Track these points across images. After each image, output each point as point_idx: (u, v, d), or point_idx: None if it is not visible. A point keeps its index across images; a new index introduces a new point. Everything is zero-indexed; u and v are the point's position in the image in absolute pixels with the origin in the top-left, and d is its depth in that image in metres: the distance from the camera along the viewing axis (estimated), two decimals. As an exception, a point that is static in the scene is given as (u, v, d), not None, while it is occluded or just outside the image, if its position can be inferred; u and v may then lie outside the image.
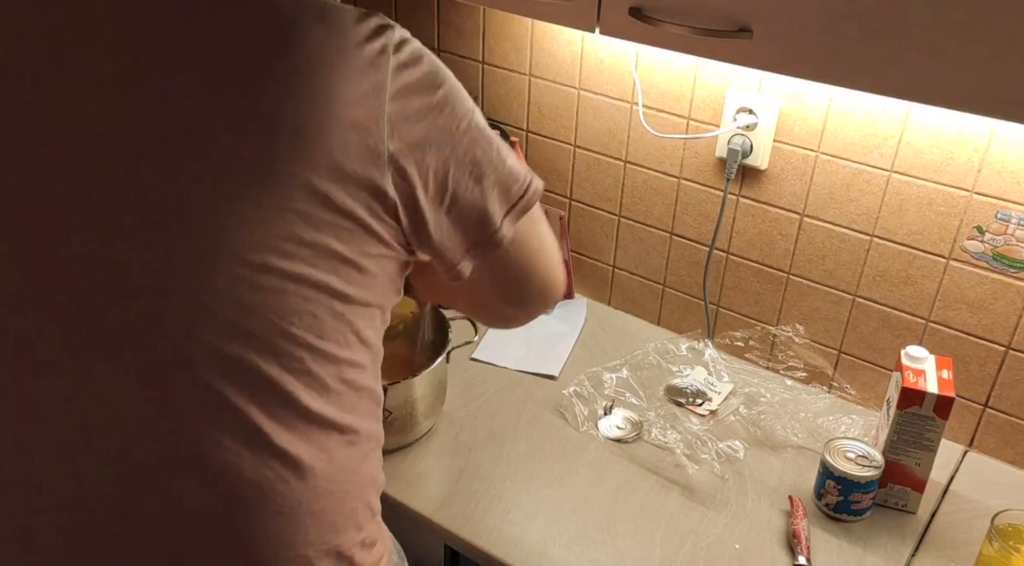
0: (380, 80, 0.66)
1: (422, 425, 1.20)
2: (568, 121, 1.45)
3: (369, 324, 0.73)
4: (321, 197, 0.64)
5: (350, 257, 0.67)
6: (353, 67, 0.65)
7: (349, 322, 0.70)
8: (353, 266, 0.68)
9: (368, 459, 0.77)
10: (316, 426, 0.70)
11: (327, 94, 0.64)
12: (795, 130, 1.23)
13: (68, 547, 0.67)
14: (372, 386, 0.76)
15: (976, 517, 1.12)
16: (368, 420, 0.76)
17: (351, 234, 0.67)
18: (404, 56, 0.68)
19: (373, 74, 0.65)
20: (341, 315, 0.69)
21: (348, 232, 0.66)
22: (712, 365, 1.37)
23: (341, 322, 0.69)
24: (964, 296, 1.18)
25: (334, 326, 0.69)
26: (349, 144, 0.64)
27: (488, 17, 1.45)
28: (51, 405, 0.65)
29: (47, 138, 0.63)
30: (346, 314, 0.69)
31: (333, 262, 0.66)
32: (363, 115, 0.65)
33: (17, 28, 0.64)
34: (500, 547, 1.04)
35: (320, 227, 0.65)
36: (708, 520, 1.10)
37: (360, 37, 0.66)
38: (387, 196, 0.68)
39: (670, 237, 1.42)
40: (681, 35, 0.92)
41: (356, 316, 0.70)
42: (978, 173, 1.11)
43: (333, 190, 0.65)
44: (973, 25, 0.76)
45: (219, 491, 0.66)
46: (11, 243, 0.64)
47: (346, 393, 0.72)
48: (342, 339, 0.70)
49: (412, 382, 1.13)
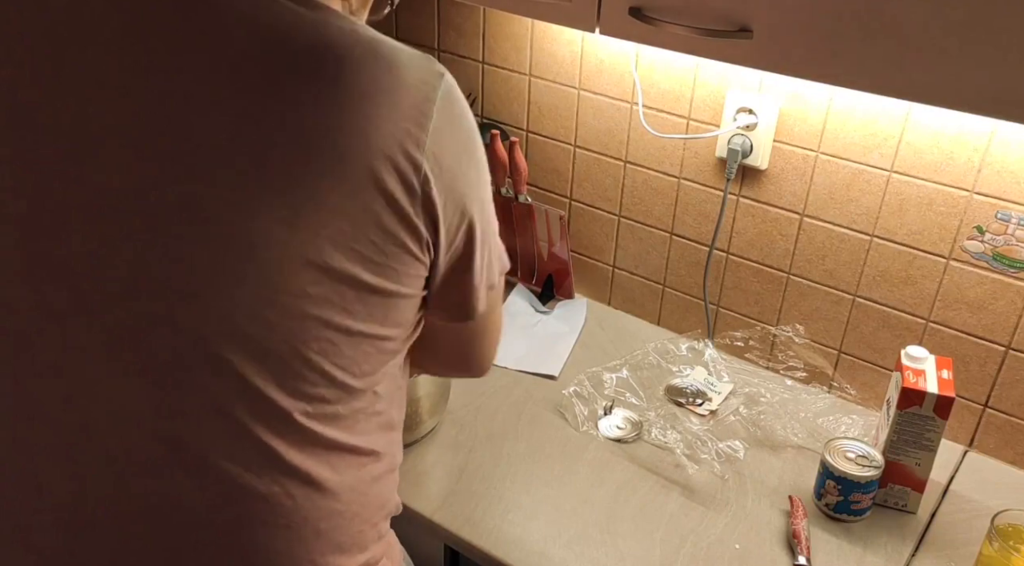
0: (423, 122, 0.65)
1: (426, 424, 1.20)
2: (568, 121, 1.45)
3: (389, 357, 0.73)
4: (355, 225, 0.64)
5: (377, 288, 0.67)
6: (398, 103, 0.64)
7: (366, 353, 0.69)
8: (378, 298, 0.68)
9: (380, 482, 0.77)
10: (324, 448, 0.69)
11: (372, 122, 0.63)
12: (795, 130, 1.23)
13: (68, 547, 0.67)
14: (388, 412, 0.76)
15: (976, 517, 1.12)
16: (383, 444, 0.76)
17: (380, 267, 0.66)
18: (447, 103, 0.67)
19: (417, 115, 0.65)
20: (358, 345, 0.68)
21: (377, 265, 0.66)
22: (712, 365, 1.37)
23: (358, 352, 0.69)
24: (964, 296, 1.18)
25: (351, 356, 0.68)
26: (390, 176, 0.64)
27: (488, 17, 1.45)
28: (51, 405, 0.65)
29: (47, 138, 0.63)
30: (363, 345, 0.69)
31: (360, 292, 0.66)
32: (402, 150, 0.64)
33: (17, 28, 0.64)
34: (500, 547, 1.04)
35: (351, 257, 0.64)
36: (708, 520, 1.10)
37: (410, 77, 0.65)
38: (420, 232, 0.68)
39: (670, 237, 1.42)
40: (681, 35, 0.92)
41: (375, 348, 0.70)
42: (978, 173, 1.11)
43: (370, 218, 0.64)
44: (973, 25, 0.76)
45: (219, 494, 0.66)
46: (11, 243, 0.64)
47: (359, 419, 0.72)
48: (358, 369, 0.69)
49: (416, 381, 1.13)
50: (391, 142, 0.64)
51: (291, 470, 0.67)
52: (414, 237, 0.67)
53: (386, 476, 0.78)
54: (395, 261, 0.67)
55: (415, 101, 0.65)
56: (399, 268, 0.68)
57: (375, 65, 0.64)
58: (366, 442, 0.73)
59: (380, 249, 0.66)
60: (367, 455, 0.74)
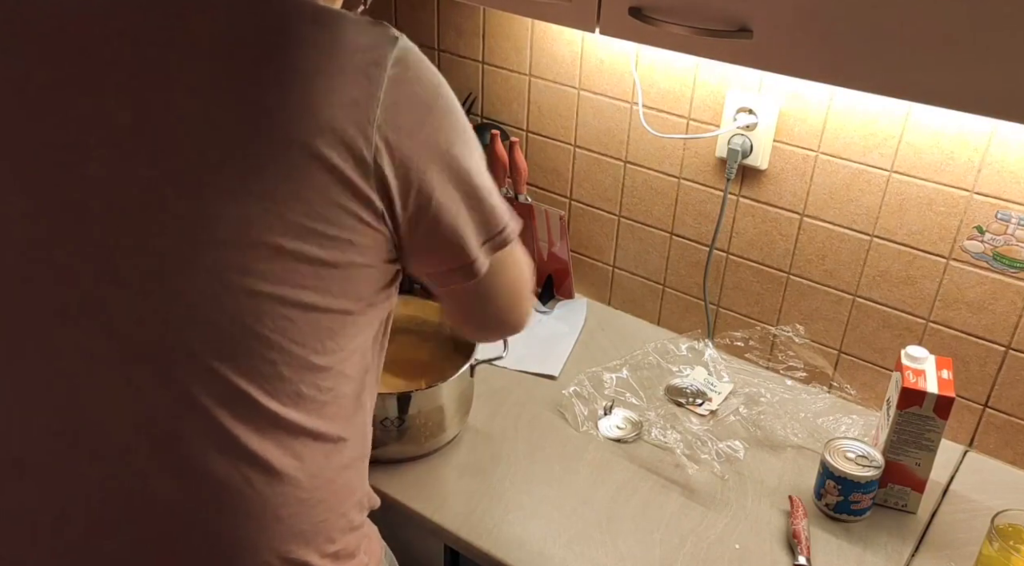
0: (372, 91, 0.65)
1: (448, 432, 1.19)
2: (568, 121, 1.45)
3: (352, 331, 0.72)
4: (304, 202, 0.64)
5: (330, 262, 0.67)
6: (344, 73, 0.64)
7: (327, 328, 0.69)
8: (334, 272, 0.67)
9: (349, 470, 0.76)
10: (285, 432, 0.69)
11: (315, 98, 0.63)
12: (795, 130, 1.23)
13: (60, 531, 0.68)
14: (358, 395, 0.75)
15: (976, 517, 1.12)
16: (350, 429, 0.75)
17: (333, 241, 0.66)
18: (401, 70, 0.66)
19: (365, 83, 0.64)
20: (317, 321, 0.68)
21: (330, 239, 0.66)
22: (712, 365, 1.37)
23: (318, 328, 0.68)
24: (964, 296, 1.18)
25: (310, 332, 0.68)
26: (335, 150, 0.64)
27: (488, 17, 1.45)
28: (33, 392, 0.67)
29: (46, 135, 0.64)
30: (323, 320, 0.68)
31: (314, 267, 0.66)
32: (350, 123, 0.64)
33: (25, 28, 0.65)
34: (500, 547, 1.04)
35: (301, 233, 0.64)
36: (708, 520, 1.10)
37: (356, 45, 0.65)
38: (374, 204, 0.67)
39: (670, 237, 1.42)
40: (681, 35, 0.92)
41: (335, 323, 0.70)
42: (978, 173, 1.11)
43: (318, 195, 0.64)
44: (973, 25, 0.76)
45: (186, 485, 0.67)
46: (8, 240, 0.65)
47: (325, 401, 0.71)
48: (319, 346, 0.69)
49: (439, 388, 1.11)
50: (338, 115, 0.63)
51: (250, 456, 0.67)
52: (369, 209, 0.67)
53: (354, 464, 0.77)
54: (349, 232, 0.67)
55: (362, 69, 0.64)
56: (353, 239, 0.67)
57: (318, 35, 0.64)
58: (332, 428, 0.72)
59: (332, 222, 0.65)
60: (332, 441, 0.73)
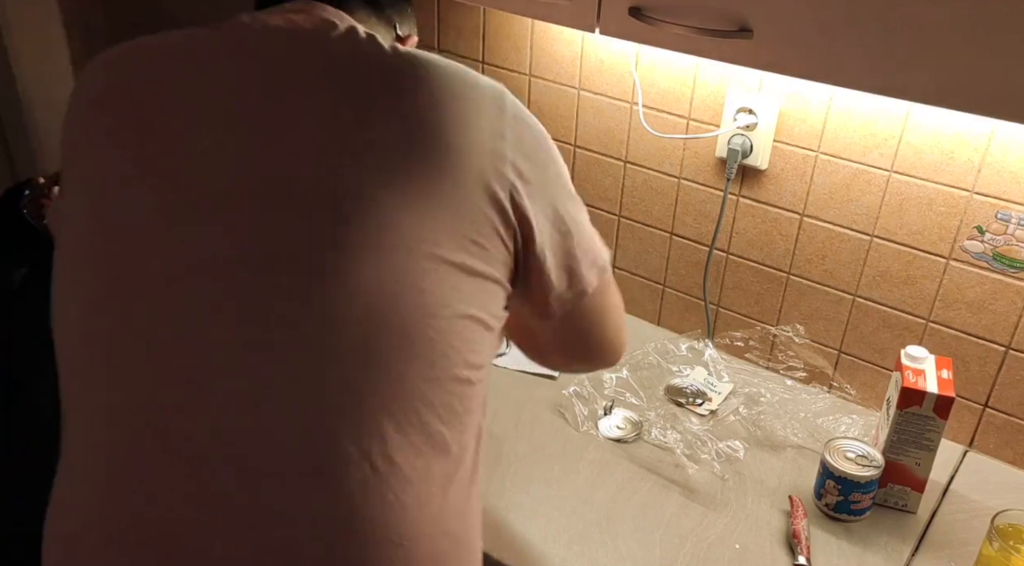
0: (499, 127, 0.72)
1: None
2: (568, 121, 1.45)
3: (490, 349, 0.76)
4: (465, 217, 0.69)
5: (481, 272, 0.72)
6: (478, 106, 0.71)
7: (483, 337, 0.74)
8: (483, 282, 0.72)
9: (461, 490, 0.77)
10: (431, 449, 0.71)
11: (468, 132, 0.70)
12: (795, 130, 1.23)
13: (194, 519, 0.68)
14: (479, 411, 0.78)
15: (976, 517, 1.12)
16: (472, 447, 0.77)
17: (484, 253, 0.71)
18: (518, 110, 0.75)
19: (498, 127, 0.72)
20: (472, 327, 0.72)
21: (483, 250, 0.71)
22: (712, 365, 1.37)
23: (477, 335, 0.73)
24: (964, 296, 1.18)
25: (470, 338, 0.72)
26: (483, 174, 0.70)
27: (488, 17, 1.45)
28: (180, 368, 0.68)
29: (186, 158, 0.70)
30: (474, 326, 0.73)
31: (471, 276, 0.71)
32: (488, 150, 0.70)
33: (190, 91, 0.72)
34: (500, 547, 1.04)
35: (464, 244, 0.70)
36: (708, 520, 1.10)
37: (488, 93, 0.73)
38: (512, 224, 0.73)
39: (670, 237, 1.42)
40: (681, 35, 0.92)
41: (481, 332, 0.74)
42: (978, 173, 1.11)
43: (477, 213, 0.70)
44: (974, 25, 0.76)
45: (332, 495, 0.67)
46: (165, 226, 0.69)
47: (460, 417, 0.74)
48: (476, 358, 0.73)
49: None
50: (484, 150, 0.71)
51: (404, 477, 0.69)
52: (507, 228, 0.73)
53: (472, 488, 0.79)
54: (491, 246, 0.72)
55: (492, 114, 0.72)
56: (493, 252, 0.73)
57: (460, 81, 0.72)
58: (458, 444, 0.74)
59: (483, 235, 0.71)
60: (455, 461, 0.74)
